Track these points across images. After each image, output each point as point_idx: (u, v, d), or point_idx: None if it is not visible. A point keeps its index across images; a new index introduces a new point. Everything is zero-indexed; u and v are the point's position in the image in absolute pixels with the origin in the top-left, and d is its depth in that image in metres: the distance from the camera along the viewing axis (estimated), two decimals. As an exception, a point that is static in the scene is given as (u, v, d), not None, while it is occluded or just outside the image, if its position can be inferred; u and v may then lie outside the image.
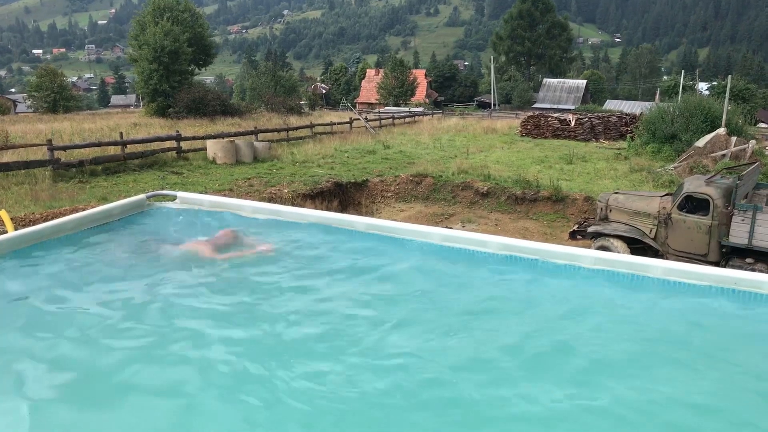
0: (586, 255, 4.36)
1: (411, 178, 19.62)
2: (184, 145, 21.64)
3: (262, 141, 24.34)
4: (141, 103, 55.11)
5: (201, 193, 13.76)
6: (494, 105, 74.59)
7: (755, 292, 3.96)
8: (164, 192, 6.27)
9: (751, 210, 11.16)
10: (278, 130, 29.03)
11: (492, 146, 28.46)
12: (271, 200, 15.40)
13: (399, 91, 76.69)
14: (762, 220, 11.09)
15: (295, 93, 55.23)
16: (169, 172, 18.74)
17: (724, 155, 21.11)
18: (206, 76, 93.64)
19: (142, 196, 5.76)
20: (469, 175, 19.74)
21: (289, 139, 28.26)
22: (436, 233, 4.91)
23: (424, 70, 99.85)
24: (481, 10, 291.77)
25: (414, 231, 5.01)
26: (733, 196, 11.35)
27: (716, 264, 11.57)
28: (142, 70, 43.16)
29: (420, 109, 61.55)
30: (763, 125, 55.03)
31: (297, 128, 30.65)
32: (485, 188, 18.56)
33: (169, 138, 21.58)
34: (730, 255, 11.65)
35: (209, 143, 21.57)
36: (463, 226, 16.51)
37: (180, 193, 5.95)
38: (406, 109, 62.62)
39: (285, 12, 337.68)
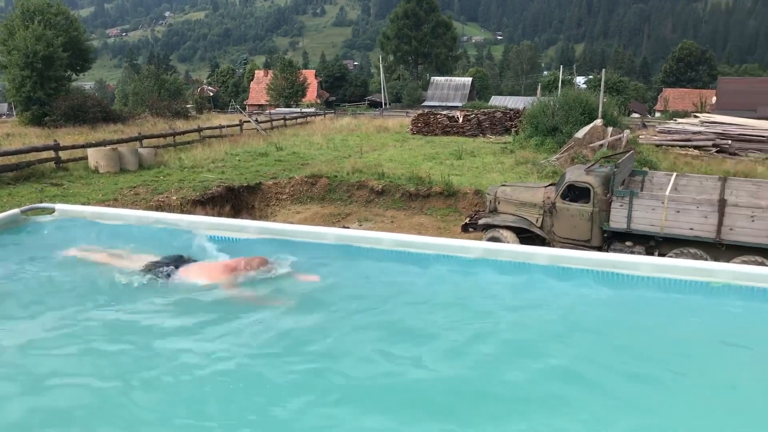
0: (474, 246, 4.47)
1: (306, 180, 19.50)
2: (63, 155, 20.50)
3: (147, 147, 23.46)
4: (14, 112, 51.82)
5: (82, 204, 13.10)
6: (385, 104, 75.40)
7: (632, 274, 4.19)
8: (41, 205, 5.86)
9: (628, 196, 11.83)
10: (164, 136, 28.08)
11: (385, 145, 28.75)
12: (158, 208, 14.88)
13: (289, 92, 76.09)
14: (638, 205, 11.77)
15: (180, 96, 53.57)
16: (47, 184, 17.70)
17: (601, 145, 22.25)
18: (85, 82, 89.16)
19: (15, 210, 5.40)
20: (364, 174, 19.85)
21: (176, 144, 27.38)
22: (331, 234, 4.90)
23: (314, 71, 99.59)
24: (367, 10, 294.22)
25: (308, 232, 4.98)
26: (612, 184, 11.99)
27: (599, 249, 12.20)
28: (13, 77, 40.49)
29: (312, 110, 61.25)
30: (635, 115, 58.65)
31: (184, 132, 29.74)
32: (380, 186, 18.71)
33: (46, 148, 20.37)
34: (611, 239, 12.31)
35: (90, 152, 20.55)
36: (360, 225, 16.59)
37: (59, 206, 5.62)
38: (298, 109, 62.16)
39: (167, 14, 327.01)
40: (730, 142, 29.64)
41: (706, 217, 11.37)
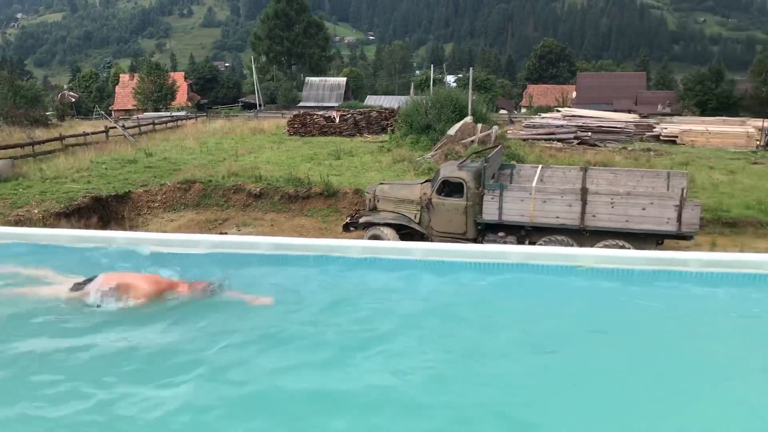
0: (354, 246, 4.50)
1: (179, 186, 18.87)
2: None
3: (2, 159, 21.85)
4: None
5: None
6: (260, 105, 74.31)
7: (502, 263, 4.36)
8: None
9: (499, 189, 12.33)
10: (22, 145, 26.25)
11: (261, 147, 28.33)
12: (18, 223, 13.89)
13: (158, 96, 73.21)
14: (508, 197, 12.30)
15: (39, 103, 50.23)
16: None
17: (472, 141, 23.02)
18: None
19: None
20: (241, 177, 19.47)
21: (35, 154, 25.66)
22: (205, 241, 4.77)
23: (183, 73, 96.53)
24: (236, 11, 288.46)
25: (184, 241, 4.83)
26: (483, 178, 12.45)
27: (474, 241, 12.63)
28: None
29: (183, 113, 59.31)
30: (503, 112, 61.16)
31: (44, 141, 27.92)
32: (258, 189, 18.43)
33: None
34: (485, 231, 12.78)
35: (-64, 165, 18.91)
36: (239, 230, 16.26)
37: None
38: (168, 113, 59.97)
39: (19, 15, 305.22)
40: (590, 134, 31.58)
41: (571, 205, 12.04)
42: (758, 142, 33.52)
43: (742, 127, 36.73)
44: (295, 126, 34.28)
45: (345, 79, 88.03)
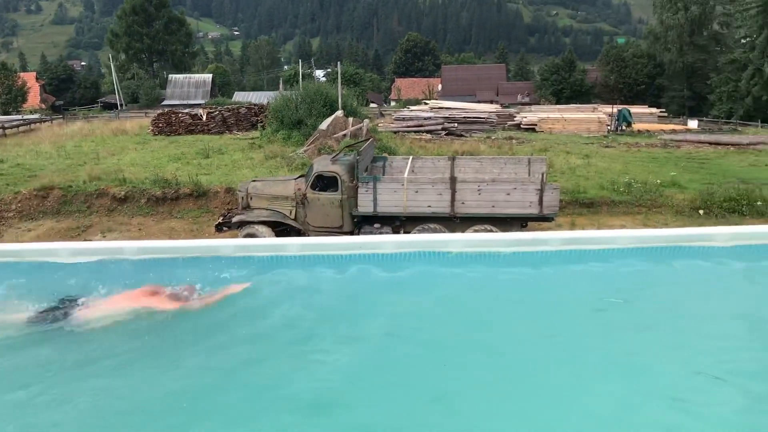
0: (225, 245, 4.43)
1: (35, 193, 17.69)
2: None
3: None
4: None
5: None
6: (121, 105, 70.85)
7: (378, 253, 4.46)
8: None
9: (372, 181, 12.52)
10: None
11: (125, 148, 27.06)
12: None
13: (7, 98, 68.07)
14: (382, 189, 12.52)
15: None
16: None
17: (345, 135, 23.18)
18: None
19: None
20: (103, 181, 18.53)
21: None
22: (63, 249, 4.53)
23: (35, 73, 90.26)
24: (91, 7, 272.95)
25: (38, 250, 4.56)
26: (356, 171, 12.59)
27: (350, 233, 12.76)
28: None
29: (36, 116, 55.50)
30: (373, 105, 61.92)
31: None
32: (122, 193, 17.63)
33: None
34: (361, 223, 12.94)
35: None
36: (104, 237, 15.49)
37: None
38: (19, 117, 55.91)
39: None
40: (456, 125, 32.66)
41: (441, 194, 12.45)
42: (609, 127, 36.03)
43: (594, 113, 39.32)
44: (160, 125, 33.02)
45: (211, 75, 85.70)
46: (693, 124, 44.86)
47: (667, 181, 18.79)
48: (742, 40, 58.84)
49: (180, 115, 33.94)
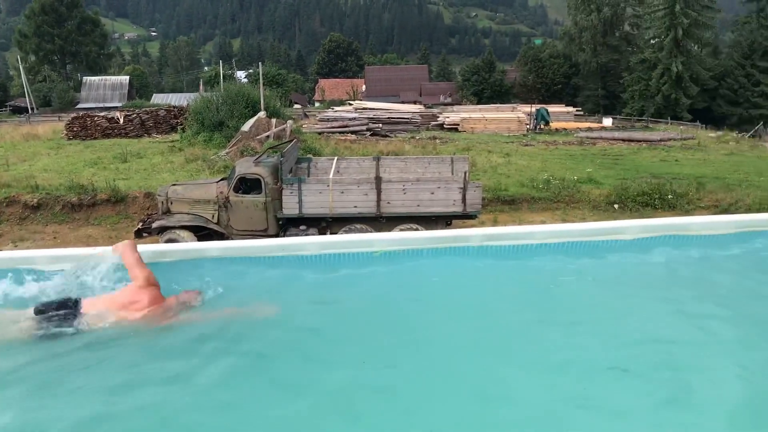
0: (144, 251, 4.30)
1: (-63, 203, 16.71)
2: None
3: None
4: None
5: None
6: (32, 109, 67.81)
7: (302, 255, 4.42)
8: None
9: (297, 183, 12.41)
10: None
11: (37, 154, 25.88)
12: None
13: None
14: (307, 190, 12.42)
15: None
16: None
17: (268, 136, 22.92)
18: None
19: None
20: (13, 188, 17.66)
21: None
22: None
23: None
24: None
25: None
26: (280, 173, 12.45)
27: (276, 236, 12.60)
28: None
29: (-62, 121, 52.51)
30: (297, 106, 61.46)
31: None
32: (35, 200, 16.85)
33: None
34: (286, 225, 12.81)
35: None
36: (16, 246, 14.77)
37: None
38: None
39: None
40: (381, 125, 32.83)
41: (367, 194, 12.47)
42: (528, 126, 36.99)
43: (513, 113, 40.32)
44: (75, 129, 31.76)
45: (128, 77, 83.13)
46: (607, 121, 46.61)
47: (584, 177, 19.45)
48: (652, 41, 61.59)
49: (96, 118, 32.75)
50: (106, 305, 3.82)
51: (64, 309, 3.77)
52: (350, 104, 42.16)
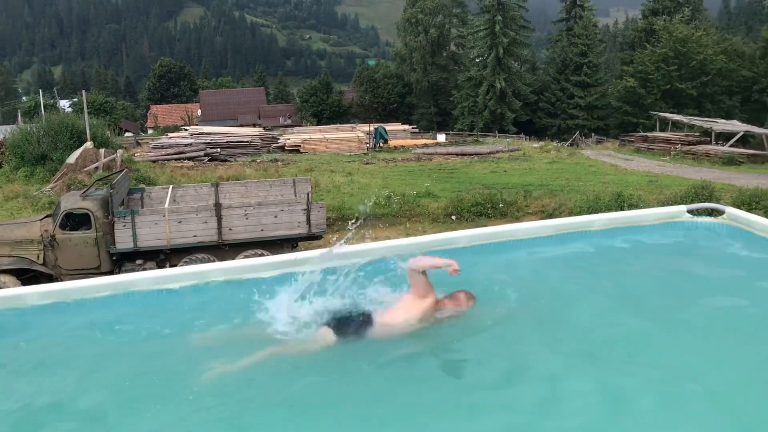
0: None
1: None
2: None
3: None
4: None
5: None
6: None
7: (134, 291, 4.15)
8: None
9: (130, 215, 11.76)
10: None
11: None
12: None
13: None
14: (141, 222, 11.81)
15: None
16: None
17: (97, 168, 21.65)
18: None
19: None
20: None
21: None
22: None
23: None
24: None
25: None
26: (111, 205, 11.74)
27: (111, 273, 11.85)
28: None
29: None
30: (129, 134, 58.68)
31: None
32: None
33: None
34: (121, 261, 12.10)
35: None
36: None
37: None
38: None
39: None
40: (219, 150, 32.06)
41: (207, 222, 12.08)
42: (368, 145, 37.77)
43: (353, 132, 41.02)
44: None
45: (-69, 110, 75.38)
46: (441, 137, 48.67)
47: (423, 191, 20.13)
48: (476, 60, 65.31)
49: None
50: (394, 315, 3.89)
51: (359, 321, 3.83)
52: (186, 130, 40.79)
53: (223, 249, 12.34)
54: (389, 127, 45.06)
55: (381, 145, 38.44)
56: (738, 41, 59.29)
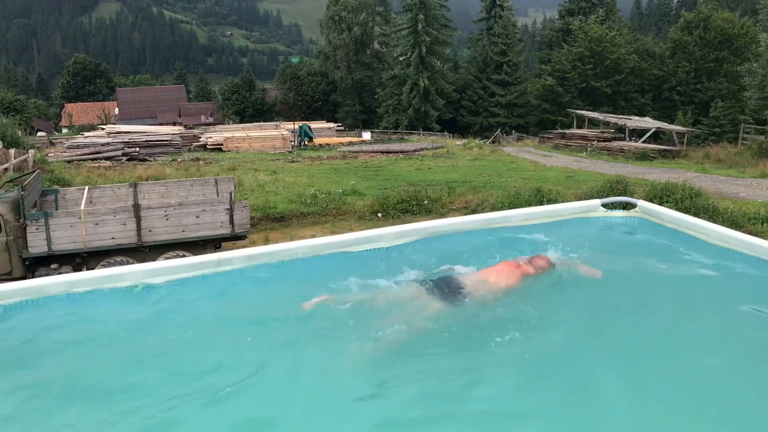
0: None
1: None
2: None
3: None
4: None
5: None
6: None
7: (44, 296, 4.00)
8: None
9: (43, 217, 11.28)
10: None
11: None
12: None
13: None
14: (55, 225, 11.33)
15: None
16: None
17: (6, 169, 20.67)
18: None
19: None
20: None
21: None
22: None
23: None
24: None
25: None
26: (22, 208, 11.22)
27: (23, 278, 11.34)
28: None
29: None
30: (42, 133, 56.23)
31: None
32: None
33: None
34: (35, 265, 11.59)
35: None
36: None
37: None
38: None
39: None
40: (138, 149, 31.15)
41: (125, 224, 11.70)
42: (292, 143, 37.50)
43: (277, 130, 40.66)
44: None
45: None
46: (366, 135, 48.85)
47: (349, 189, 20.13)
48: (400, 58, 65.78)
49: None
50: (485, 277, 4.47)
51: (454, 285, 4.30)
52: (102, 128, 39.46)
53: (143, 251, 11.99)
54: (314, 125, 44.91)
55: (306, 143, 38.25)
56: (649, 41, 61.98)
